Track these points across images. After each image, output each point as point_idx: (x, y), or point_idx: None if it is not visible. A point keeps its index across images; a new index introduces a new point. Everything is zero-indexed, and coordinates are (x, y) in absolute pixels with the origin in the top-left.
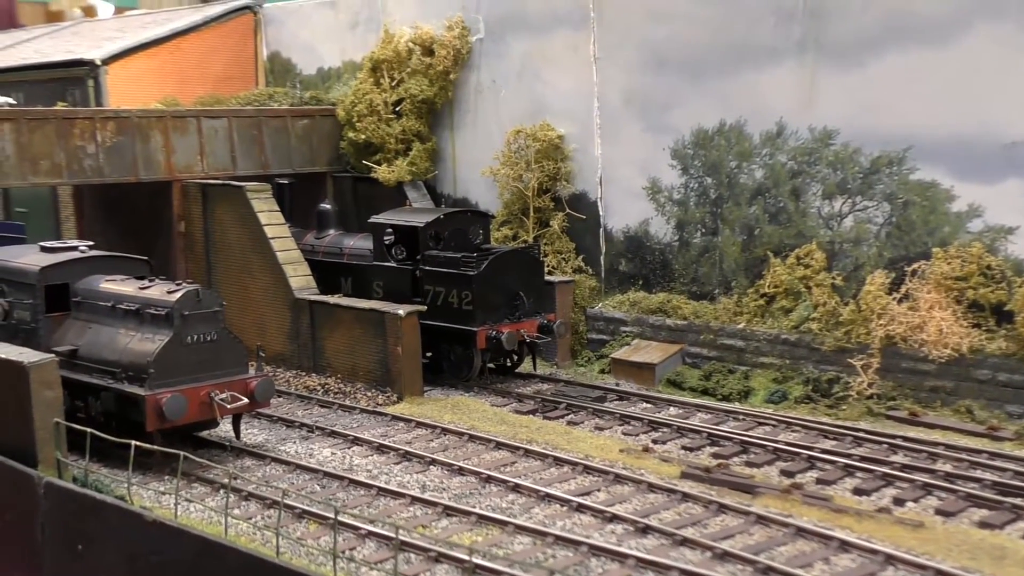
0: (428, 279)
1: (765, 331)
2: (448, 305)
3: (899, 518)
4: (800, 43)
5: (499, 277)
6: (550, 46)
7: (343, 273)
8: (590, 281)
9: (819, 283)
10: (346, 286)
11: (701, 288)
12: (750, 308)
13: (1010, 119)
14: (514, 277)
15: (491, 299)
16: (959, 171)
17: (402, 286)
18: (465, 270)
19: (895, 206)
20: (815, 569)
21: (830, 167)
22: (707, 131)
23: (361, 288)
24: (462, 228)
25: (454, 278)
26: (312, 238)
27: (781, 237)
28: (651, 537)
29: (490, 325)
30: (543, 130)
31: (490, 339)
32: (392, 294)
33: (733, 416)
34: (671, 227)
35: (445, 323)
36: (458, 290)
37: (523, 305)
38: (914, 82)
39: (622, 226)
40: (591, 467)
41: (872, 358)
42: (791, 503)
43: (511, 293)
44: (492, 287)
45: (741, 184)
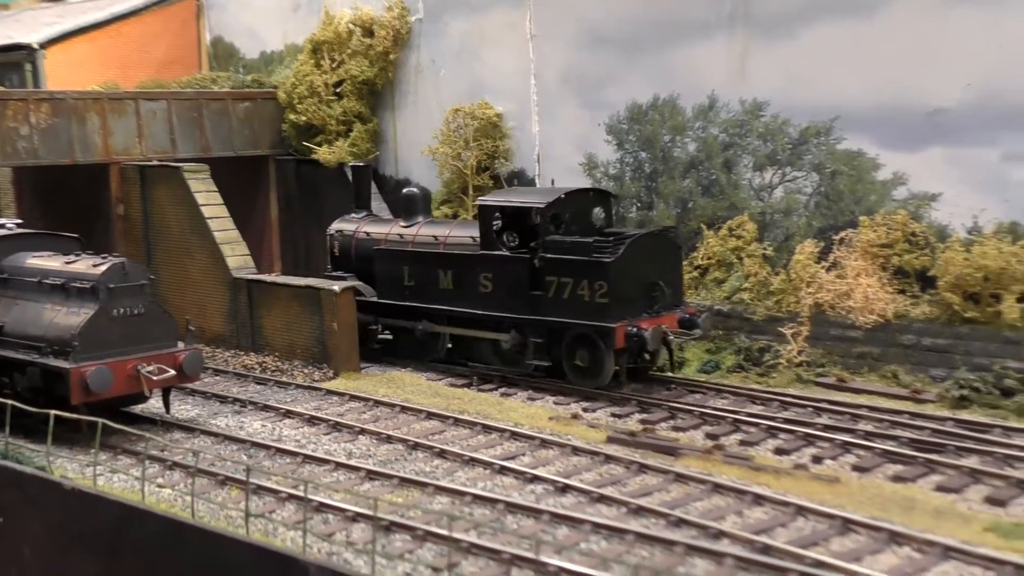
0: (550, 269)
1: (699, 302)
2: (576, 299)
3: (816, 474)
4: (731, 17)
5: (636, 264)
6: (488, 25)
7: (442, 266)
8: None
9: (751, 254)
10: (445, 280)
11: None
12: (684, 280)
13: (932, 87)
14: (652, 264)
15: (628, 290)
16: (884, 140)
17: (517, 278)
18: (599, 256)
19: (823, 176)
20: (727, 521)
21: (760, 139)
22: (641, 106)
23: (464, 282)
24: (583, 209)
25: (585, 266)
26: (399, 227)
27: (714, 209)
28: (570, 495)
29: (628, 320)
30: (481, 108)
31: (630, 337)
32: (504, 287)
33: (665, 386)
34: None
35: (572, 319)
36: (589, 280)
37: (663, 296)
38: (840, 53)
39: None
40: (518, 433)
41: (802, 326)
42: (712, 463)
43: (649, 283)
44: (629, 276)
45: (675, 158)
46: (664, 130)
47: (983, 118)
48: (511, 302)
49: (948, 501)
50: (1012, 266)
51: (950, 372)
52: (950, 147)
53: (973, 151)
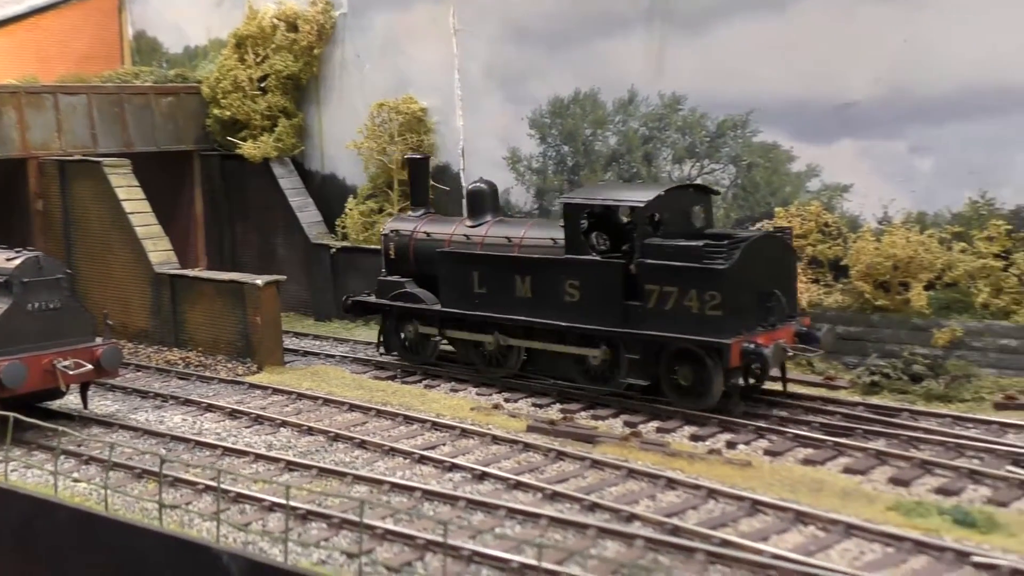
0: (651, 276)
1: None
2: (682, 310)
3: (728, 459)
4: (649, 12)
5: (752, 271)
6: (412, 19)
7: (517, 271)
8: None
9: None
10: (522, 287)
11: None
12: None
13: (843, 81)
14: (767, 270)
15: (743, 301)
16: (798, 133)
17: (609, 286)
18: (711, 263)
19: (740, 168)
20: (640, 505)
21: (679, 132)
22: (563, 100)
23: (545, 289)
24: (683, 208)
25: (693, 274)
26: (464, 227)
27: None
28: (487, 483)
29: (745, 335)
30: (406, 103)
31: (747, 354)
32: (593, 296)
33: None
34: (531, 196)
35: (676, 334)
36: (699, 290)
37: (780, 307)
38: (755, 48)
39: None
40: (440, 424)
41: None
42: (629, 449)
43: (765, 292)
44: (744, 285)
45: (596, 151)
46: (585, 124)
47: (891, 111)
48: (602, 313)
49: (855, 482)
50: (920, 255)
51: (862, 359)
52: (860, 139)
53: (882, 143)
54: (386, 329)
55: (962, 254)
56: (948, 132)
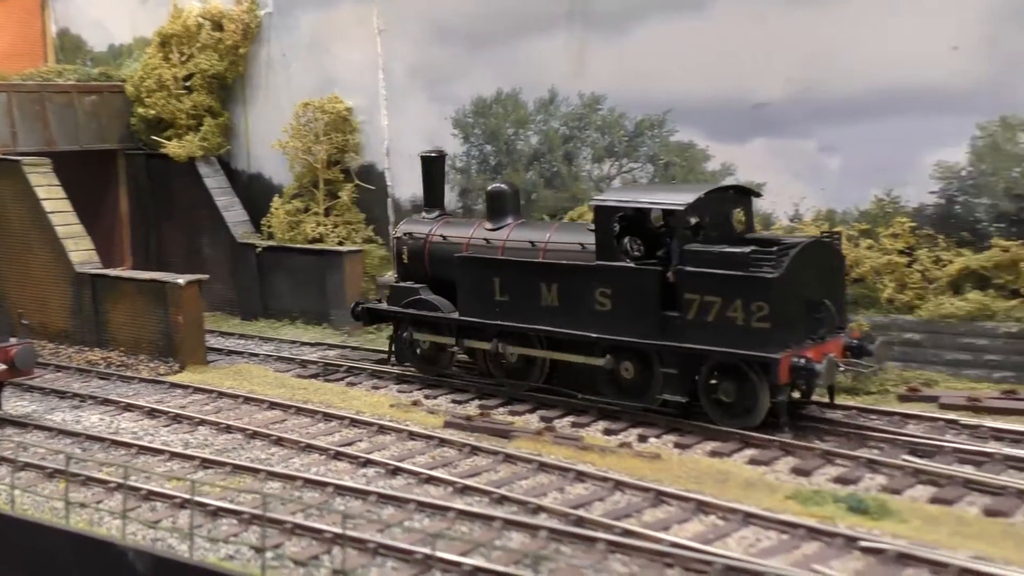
0: (691, 284)
1: None
2: (726, 322)
3: (639, 452)
4: (569, 13)
5: (800, 280)
6: (337, 19)
7: (543, 277)
8: (380, 251)
9: None
10: (549, 295)
11: None
12: None
13: (756, 82)
14: (816, 279)
15: (791, 312)
16: (713, 132)
17: (645, 294)
18: (758, 271)
19: (658, 167)
20: (548, 497)
21: (599, 131)
22: (486, 100)
23: (574, 298)
24: (723, 211)
25: (739, 283)
26: (484, 230)
27: (557, 200)
28: (400, 478)
29: (793, 348)
30: (331, 102)
31: (797, 370)
32: (627, 305)
33: None
34: (455, 195)
35: (718, 347)
36: (744, 300)
37: (830, 318)
38: (672, 49)
39: (409, 195)
40: (358, 421)
41: None
42: (542, 444)
43: (813, 302)
44: (793, 295)
45: (518, 150)
46: (508, 123)
47: (801, 112)
48: (636, 323)
49: (759, 473)
50: None
51: None
52: (773, 139)
53: (793, 142)
54: (398, 338)
55: (868, 251)
56: (855, 132)
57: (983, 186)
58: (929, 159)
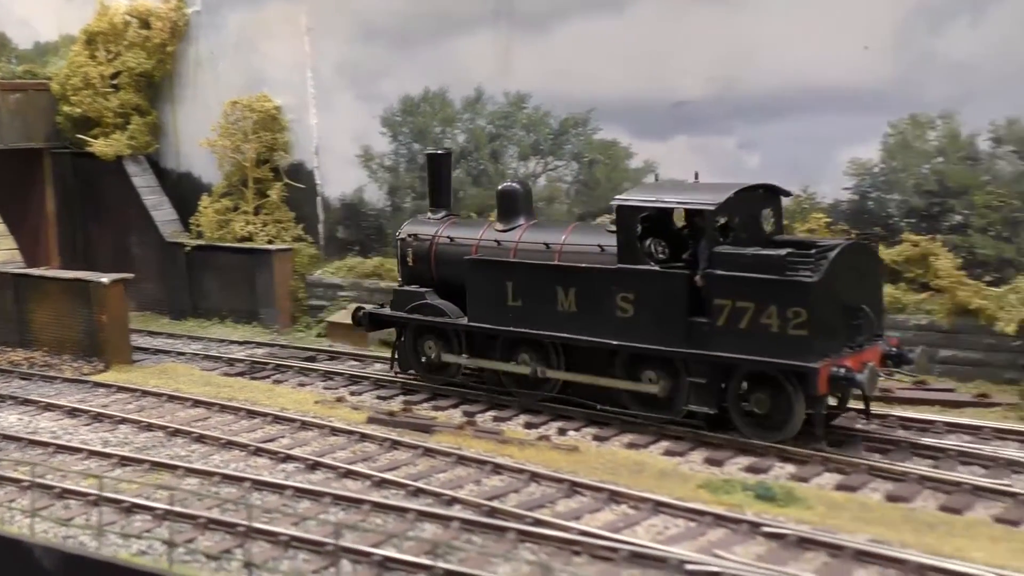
0: (722, 289)
1: None
2: (759, 329)
3: (557, 444)
4: (495, 12)
5: (839, 284)
6: (265, 17)
7: (560, 282)
8: (310, 249)
9: None
10: (566, 300)
11: None
12: None
13: (677, 80)
14: (854, 283)
15: (830, 318)
16: (636, 130)
17: (671, 299)
18: (795, 275)
19: (582, 164)
20: (464, 490)
21: (524, 130)
22: (413, 98)
23: (593, 303)
24: (753, 211)
25: (775, 287)
26: (494, 231)
27: (483, 198)
28: (319, 472)
29: (832, 358)
30: (260, 101)
31: (837, 380)
32: (651, 311)
33: None
34: (384, 193)
35: (751, 355)
36: (780, 306)
37: (868, 325)
38: (595, 48)
39: (338, 194)
40: (282, 417)
41: None
42: (463, 438)
43: (852, 308)
44: (832, 300)
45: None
46: (435, 122)
47: (721, 109)
48: (661, 331)
49: (673, 464)
50: None
51: None
52: (694, 136)
53: (714, 139)
54: (402, 345)
55: None
56: (773, 129)
57: (894, 182)
58: (843, 156)
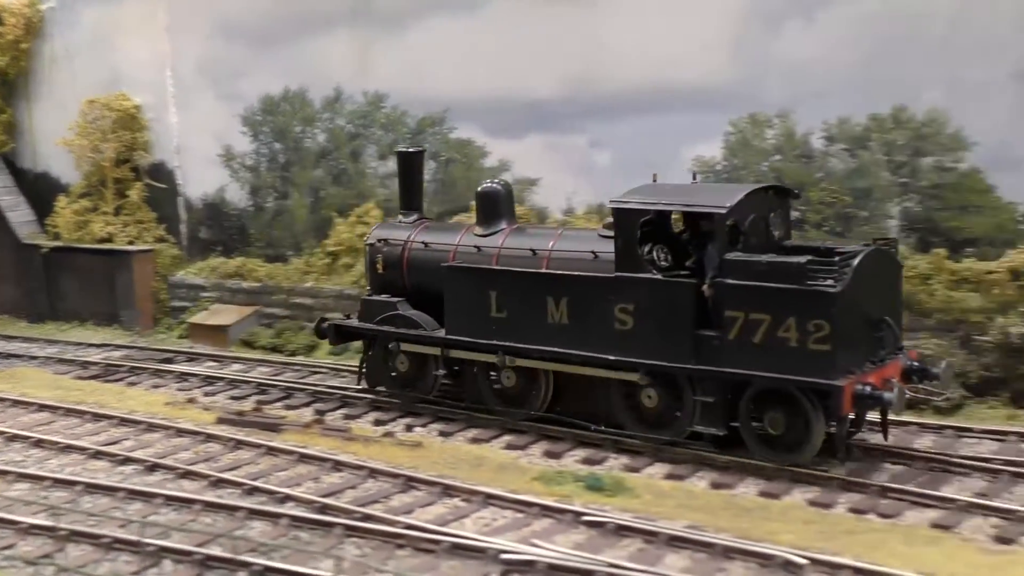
0: (734, 300)
1: (331, 287)
2: (776, 343)
3: (401, 441)
4: (352, 11)
5: (862, 294)
6: (122, 15)
7: (550, 291)
8: (172, 250)
9: None
10: (557, 312)
11: (275, 250)
12: (318, 267)
13: (530, 80)
14: (876, 292)
15: (854, 331)
16: (491, 128)
17: (676, 311)
18: (817, 284)
19: (439, 163)
20: (302, 487)
21: (383, 129)
22: (273, 98)
23: (587, 315)
24: (762, 214)
25: (794, 298)
26: (474, 236)
27: (344, 197)
28: (157, 474)
29: (856, 374)
30: (118, 100)
31: (862, 399)
32: (653, 323)
33: (292, 368)
34: (245, 193)
35: (768, 372)
36: (799, 318)
37: (891, 338)
38: (451, 47)
39: (200, 194)
40: (128, 420)
41: None
42: (310, 436)
43: (874, 320)
44: (855, 311)
45: (306, 148)
46: (295, 121)
47: (573, 108)
48: (664, 345)
49: (512, 457)
50: None
51: None
52: (547, 135)
53: (566, 138)
54: (371, 359)
55: None
56: (622, 128)
57: (736, 179)
58: (689, 153)
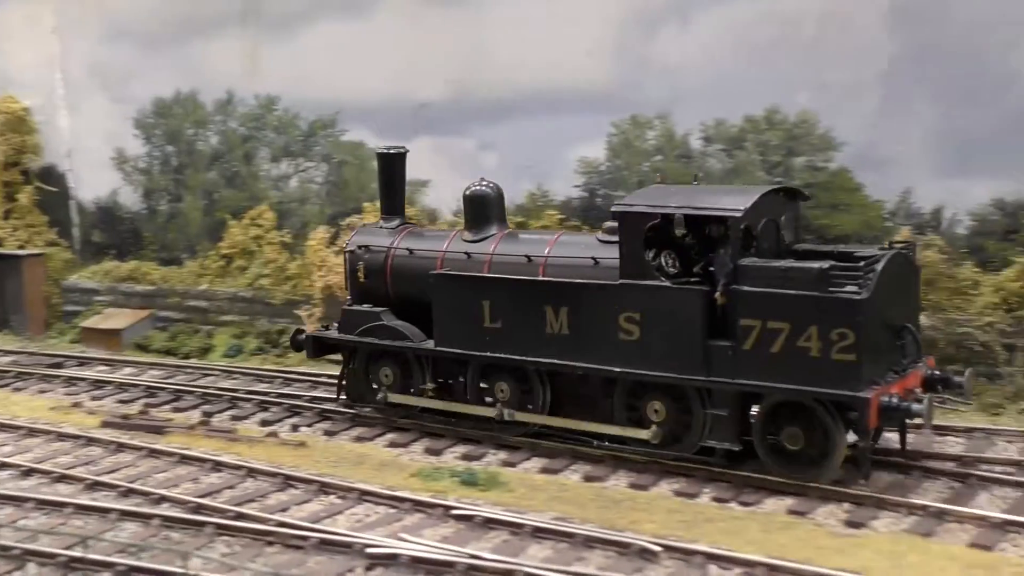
0: (750, 308)
1: (225, 290)
2: (796, 353)
3: (284, 440)
4: (242, 14)
5: (885, 301)
6: (8, 16)
7: (548, 299)
8: (64, 254)
9: (270, 241)
10: (556, 322)
11: (170, 253)
12: (212, 269)
13: (419, 83)
14: (897, 298)
15: (877, 340)
16: (381, 131)
17: (686, 320)
18: (841, 291)
19: (331, 165)
20: (179, 488)
21: (275, 132)
22: (165, 100)
23: (590, 324)
24: (774, 217)
25: (816, 305)
26: (462, 242)
27: (237, 200)
28: (33, 478)
29: (881, 385)
30: (5, 102)
31: (889, 411)
32: (661, 334)
33: (184, 370)
34: (139, 196)
35: (788, 384)
36: (822, 326)
37: (913, 346)
38: (340, 50)
39: (93, 197)
40: (7, 425)
41: (315, 307)
42: (195, 438)
43: (896, 327)
44: (878, 319)
45: (199, 151)
46: (188, 124)
47: (461, 111)
48: (673, 356)
49: (393, 455)
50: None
51: None
52: (437, 137)
53: (455, 140)
54: (352, 373)
55: None
56: (509, 130)
57: (619, 180)
58: (573, 155)
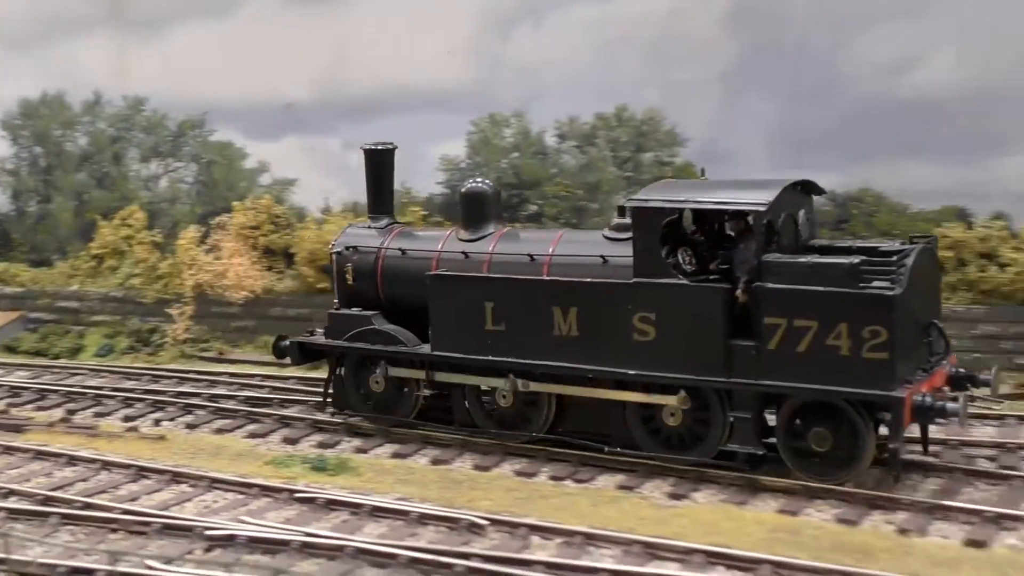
0: (775, 306)
1: (96, 290)
2: (825, 352)
3: (144, 434)
4: (109, 15)
5: (914, 297)
6: None
7: (556, 300)
8: None
9: (140, 241)
10: (564, 323)
11: (40, 254)
12: (83, 270)
13: (285, 83)
14: (923, 295)
15: (908, 337)
16: (249, 130)
17: (706, 319)
18: (872, 287)
19: (201, 165)
20: (31, 482)
21: (144, 132)
22: (32, 101)
23: (602, 325)
24: (792, 213)
25: (847, 302)
26: (458, 241)
27: (108, 200)
28: None
29: (912, 384)
30: None
31: (923, 410)
32: (679, 334)
33: (51, 371)
34: (7, 197)
35: (816, 384)
36: (852, 324)
37: (939, 343)
38: (208, 51)
39: None
40: None
41: (186, 306)
42: (54, 434)
43: (924, 324)
44: (909, 316)
45: (68, 152)
46: (55, 125)
47: (327, 111)
48: (692, 357)
49: (251, 445)
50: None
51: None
52: (303, 137)
53: (321, 139)
54: (339, 379)
55: None
56: (373, 128)
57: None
58: (435, 152)
